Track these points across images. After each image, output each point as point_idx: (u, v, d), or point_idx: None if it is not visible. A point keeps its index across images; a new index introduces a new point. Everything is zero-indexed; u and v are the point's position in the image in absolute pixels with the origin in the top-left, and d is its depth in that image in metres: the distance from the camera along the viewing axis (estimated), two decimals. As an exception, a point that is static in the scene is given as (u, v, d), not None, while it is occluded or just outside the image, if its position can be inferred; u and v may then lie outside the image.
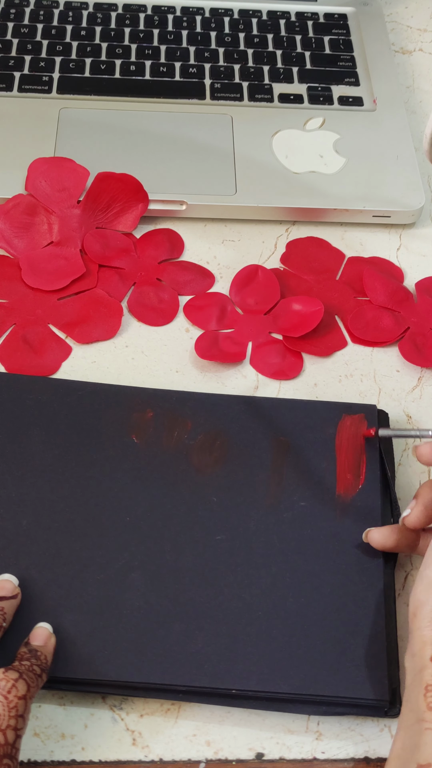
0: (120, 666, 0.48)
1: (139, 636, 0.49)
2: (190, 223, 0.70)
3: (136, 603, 0.50)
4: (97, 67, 0.77)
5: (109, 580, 0.50)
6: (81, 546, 0.51)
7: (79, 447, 0.55)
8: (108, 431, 0.56)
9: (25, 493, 0.53)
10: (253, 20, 0.83)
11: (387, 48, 0.82)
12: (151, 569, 0.51)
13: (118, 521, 0.53)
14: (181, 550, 0.52)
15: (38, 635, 0.47)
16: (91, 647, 0.48)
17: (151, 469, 0.55)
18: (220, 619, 0.49)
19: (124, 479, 0.54)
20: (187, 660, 0.48)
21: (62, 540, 0.52)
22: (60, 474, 0.54)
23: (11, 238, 0.66)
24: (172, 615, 0.49)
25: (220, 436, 0.56)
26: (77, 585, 0.50)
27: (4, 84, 0.75)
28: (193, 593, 0.50)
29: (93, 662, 0.48)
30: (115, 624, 0.49)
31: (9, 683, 0.43)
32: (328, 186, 0.71)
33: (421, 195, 0.70)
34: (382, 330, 0.64)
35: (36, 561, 0.51)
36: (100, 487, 0.54)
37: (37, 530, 0.52)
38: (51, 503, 0.53)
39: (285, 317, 0.64)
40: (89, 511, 0.53)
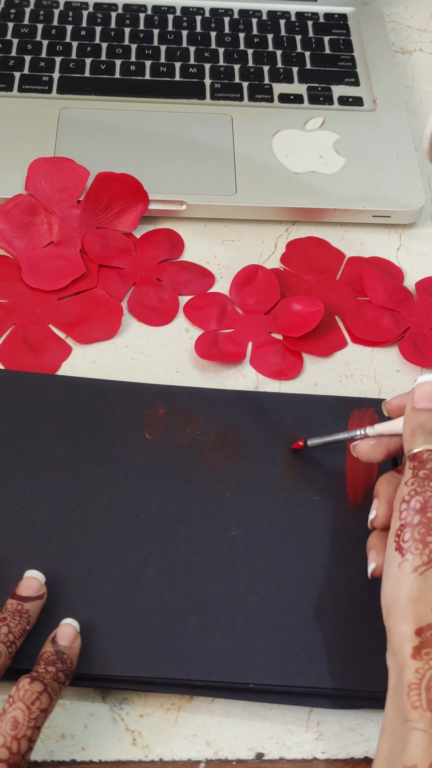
0: (137, 662, 0.48)
1: (156, 631, 0.49)
2: (190, 223, 0.70)
3: (152, 599, 0.50)
4: (97, 67, 0.77)
5: (125, 577, 0.50)
6: (96, 543, 0.52)
7: (91, 444, 0.55)
8: (120, 428, 0.56)
9: (39, 491, 0.53)
10: (253, 20, 0.83)
11: (387, 48, 0.82)
12: (166, 565, 0.51)
13: (133, 518, 0.53)
14: (196, 545, 0.52)
15: (65, 634, 0.47)
16: (107, 643, 0.48)
17: (165, 466, 0.55)
18: (237, 614, 0.50)
19: (138, 476, 0.54)
20: (204, 655, 0.48)
21: (77, 537, 0.52)
22: (73, 471, 0.54)
23: (11, 238, 0.66)
24: (188, 610, 0.50)
25: (233, 432, 0.56)
26: (93, 582, 0.50)
27: (4, 84, 0.75)
28: (209, 588, 0.50)
29: (110, 658, 0.48)
30: (131, 620, 0.49)
31: (33, 695, 0.42)
32: (328, 186, 0.71)
33: (421, 195, 0.70)
34: (382, 330, 0.64)
35: (51, 558, 0.51)
36: (114, 484, 0.54)
37: (52, 528, 0.52)
38: (65, 500, 0.53)
39: (285, 317, 0.64)
40: (103, 508, 0.53)
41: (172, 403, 0.57)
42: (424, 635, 0.41)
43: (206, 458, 0.55)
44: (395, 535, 0.44)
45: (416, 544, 0.42)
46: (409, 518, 0.43)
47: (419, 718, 0.39)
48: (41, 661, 0.45)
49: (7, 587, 0.49)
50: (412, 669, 0.41)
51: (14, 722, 0.42)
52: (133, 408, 0.57)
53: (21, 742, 0.41)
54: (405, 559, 0.42)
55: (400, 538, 0.43)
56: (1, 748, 0.41)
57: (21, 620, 0.46)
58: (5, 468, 0.54)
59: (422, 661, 0.41)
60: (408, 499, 0.44)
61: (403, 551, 0.43)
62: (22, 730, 0.41)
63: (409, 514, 0.43)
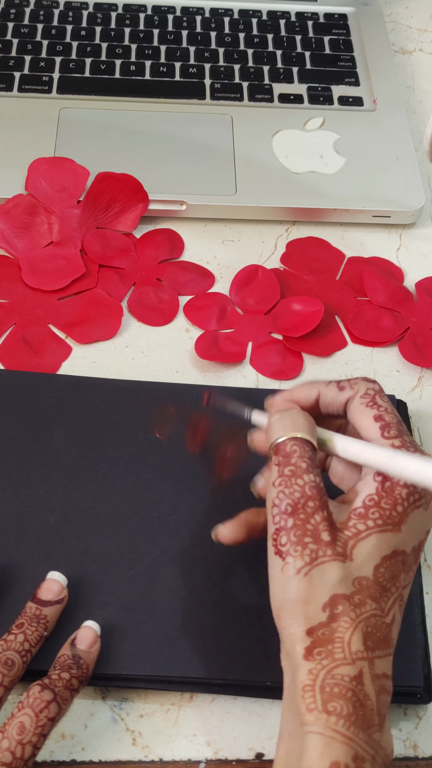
0: (155, 661, 0.48)
1: (173, 631, 0.49)
2: (190, 223, 0.70)
3: (167, 598, 0.50)
4: (97, 67, 0.77)
5: (140, 576, 0.50)
6: (110, 542, 0.52)
7: (102, 444, 0.55)
8: (130, 427, 0.56)
9: (51, 492, 0.53)
10: (253, 20, 0.83)
11: (387, 48, 0.82)
12: (181, 564, 0.51)
13: (146, 517, 0.53)
14: (210, 544, 0.51)
15: (85, 638, 0.47)
16: (124, 643, 0.48)
17: (176, 464, 0.55)
18: (253, 612, 0.50)
19: (149, 475, 0.54)
20: (222, 654, 0.48)
21: (90, 537, 0.52)
22: (85, 471, 0.54)
23: (11, 238, 0.66)
24: (204, 609, 0.50)
25: (243, 429, 0.56)
26: (108, 582, 0.50)
27: (4, 84, 0.75)
28: (225, 587, 0.50)
29: (126, 658, 0.48)
30: (147, 619, 0.49)
31: (42, 703, 0.42)
32: (328, 186, 0.71)
33: (421, 195, 0.70)
34: (382, 330, 0.64)
35: (65, 559, 0.51)
36: (126, 483, 0.54)
37: (65, 528, 0.52)
38: (77, 500, 0.53)
39: (285, 317, 0.64)
40: (116, 507, 0.53)
41: (181, 401, 0.57)
42: (315, 635, 0.40)
43: (218, 456, 0.55)
44: (272, 539, 0.42)
45: (294, 547, 0.41)
46: (283, 522, 0.42)
47: (315, 720, 0.39)
48: (57, 665, 0.45)
49: (23, 589, 0.49)
50: (305, 670, 0.40)
51: (21, 727, 0.42)
52: (143, 407, 0.57)
53: (26, 748, 0.41)
54: (287, 563, 0.41)
55: (278, 542, 0.42)
56: (5, 752, 0.41)
57: (38, 627, 0.46)
58: (17, 469, 0.54)
59: (315, 661, 0.40)
60: (278, 503, 0.43)
61: (283, 555, 0.42)
62: (28, 736, 0.41)
63: (282, 518, 0.42)
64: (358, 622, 0.40)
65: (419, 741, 0.49)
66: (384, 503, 0.42)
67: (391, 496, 0.42)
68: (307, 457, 0.44)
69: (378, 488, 0.43)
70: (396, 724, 0.49)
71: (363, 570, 0.41)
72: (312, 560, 0.41)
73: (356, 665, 0.40)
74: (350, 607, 0.40)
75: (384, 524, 0.42)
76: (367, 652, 0.40)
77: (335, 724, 0.38)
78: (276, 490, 0.43)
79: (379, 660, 0.40)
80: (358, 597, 0.41)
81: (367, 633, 0.40)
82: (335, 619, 0.40)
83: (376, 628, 0.41)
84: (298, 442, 0.44)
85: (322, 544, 0.41)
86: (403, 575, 0.43)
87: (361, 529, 0.42)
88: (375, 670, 0.40)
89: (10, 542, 0.51)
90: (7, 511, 0.52)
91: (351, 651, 0.40)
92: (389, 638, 0.41)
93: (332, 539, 0.42)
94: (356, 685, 0.39)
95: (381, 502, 0.42)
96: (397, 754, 0.48)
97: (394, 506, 0.42)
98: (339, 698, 0.39)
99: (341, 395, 0.46)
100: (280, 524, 0.42)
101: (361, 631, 0.40)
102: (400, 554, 0.42)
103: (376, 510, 0.42)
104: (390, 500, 0.42)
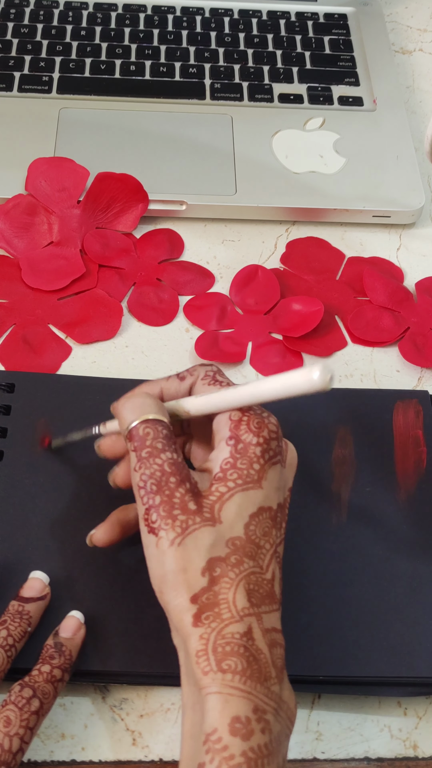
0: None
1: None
2: (190, 223, 0.70)
3: None
4: (97, 67, 0.77)
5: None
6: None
7: None
8: None
9: (94, 493, 0.53)
10: (253, 20, 0.83)
11: (387, 48, 0.82)
12: None
13: None
14: None
15: (67, 626, 0.47)
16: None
17: None
18: (299, 608, 0.50)
19: None
20: None
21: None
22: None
23: (11, 238, 0.66)
24: None
25: (280, 428, 0.57)
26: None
27: (4, 84, 0.75)
28: None
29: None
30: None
31: (23, 700, 0.43)
32: (328, 186, 0.71)
33: (421, 195, 0.70)
34: (382, 330, 0.64)
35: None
36: None
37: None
38: (119, 500, 0.53)
39: (285, 317, 0.64)
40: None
41: None
42: (200, 600, 0.41)
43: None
44: (144, 519, 0.43)
45: (165, 521, 0.42)
46: (150, 501, 0.42)
47: (211, 681, 0.39)
48: (39, 659, 0.46)
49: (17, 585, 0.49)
50: (196, 637, 0.40)
51: (6, 721, 0.42)
52: None
53: (13, 740, 0.42)
54: (160, 537, 0.42)
55: (149, 521, 0.42)
56: None
57: (21, 622, 0.47)
58: (60, 472, 0.54)
59: (204, 626, 0.40)
60: (143, 484, 0.43)
61: (156, 531, 0.42)
62: (14, 729, 0.42)
63: (149, 497, 0.42)
64: (239, 580, 0.41)
65: (419, 741, 0.49)
66: (240, 464, 0.43)
67: (245, 456, 0.43)
68: (161, 437, 0.44)
69: (231, 451, 0.43)
70: (396, 724, 0.49)
71: (234, 530, 0.42)
72: (183, 530, 0.42)
73: (244, 621, 0.40)
74: (228, 567, 0.41)
75: (244, 483, 0.43)
76: (253, 608, 0.41)
77: (231, 680, 0.39)
78: (138, 473, 0.43)
79: (266, 615, 0.41)
80: (234, 557, 0.41)
81: (250, 590, 0.41)
82: (216, 582, 0.41)
83: (258, 585, 0.41)
84: (150, 424, 0.44)
85: (190, 513, 0.42)
86: (275, 531, 0.43)
87: (223, 491, 0.43)
88: (264, 625, 0.41)
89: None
90: (51, 515, 0.52)
91: (237, 609, 0.40)
92: (273, 594, 0.42)
93: (199, 507, 0.42)
94: (247, 641, 0.40)
95: (237, 463, 0.43)
96: (397, 754, 0.48)
97: (250, 465, 0.43)
98: (232, 656, 0.39)
99: (183, 384, 0.47)
100: (148, 503, 0.43)
101: (243, 589, 0.41)
102: (267, 510, 0.43)
103: (234, 471, 0.43)
104: (245, 460, 0.43)
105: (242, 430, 0.44)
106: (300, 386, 0.41)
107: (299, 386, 0.41)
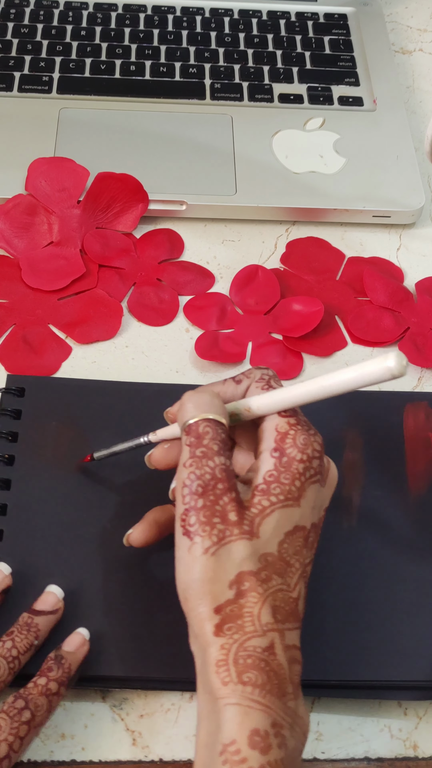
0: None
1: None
2: (190, 223, 0.70)
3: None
4: (97, 67, 0.77)
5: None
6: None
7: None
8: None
9: (105, 495, 0.53)
10: (253, 20, 0.83)
11: (387, 48, 0.82)
12: None
13: None
14: None
15: (71, 641, 0.47)
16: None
17: None
18: (313, 614, 0.50)
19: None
20: None
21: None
22: (134, 474, 0.54)
23: (11, 238, 0.66)
24: None
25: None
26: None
27: (4, 84, 0.75)
28: None
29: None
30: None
31: (14, 710, 0.43)
32: (328, 186, 0.71)
33: (421, 195, 0.70)
34: (382, 330, 0.64)
35: (119, 558, 0.51)
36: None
37: (122, 531, 0.52)
38: (129, 505, 0.53)
39: (285, 317, 0.64)
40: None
41: None
42: (224, 611, 0.40)
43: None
44: (180, 519, 0.43)
45: (203, 527, 0.42)
46: (193, 502, 0.42)
47: (231, 692, 0.39)
48: (39, 671, 0.46)
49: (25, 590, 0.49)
50: (216, 647, 0.40)
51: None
52: None
53: (1, 746, 0.42)
54: (194, 542, 0.42)
55: (186, 523, 0.42)
56: None
57: (28, 635, 0.46)
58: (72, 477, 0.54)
59: (225, 636, 0.40)
60: (189, 483, 0.43)
61: (191, 535, 0.42)
62: (3, 735, 0.43)
63: (192, 499, 0.42)
64: (266, 596, 0.41)
65: (419, 741, 0.49)
66: (283, 478, 0.43)
67: (288, 470, 0.43)
68: (219, 440, 0.44)
69: (276, 464, 0.43)
70: (396, 724, 0.49)
71: (268, 546, 0.42)
72: (219, 540, 0.41)
73: (267, 636, 0.40)
74: (257, 582, 0.41)
75: (285, 499, 0.43)
76: (277, 624, 0.41)
77: (251, 693, 0.39)
78: (187, 470, 0.43)
79: (288, 632, 0.41)
80: (265, 573, 0.41)
81: (276, 606, 0.41)
82: (243, 595, 0.41)
83: (284, 602, 0.41)
84: (211, 424, 0.44)
85: (229, 524, 0.42)
86: (305, 551, 0.43)
87: (265, 505, 0.42)
88: (285, 641, 0.41)
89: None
90: (63, 519, 0.52)
91: (261, 623, 0.40)
92: (297, 612, 0.42)
93: (239, 519, 0.42)
94: (269, 656, 0.40)
95: (280, 477, 0.43)
96: (397, 754, 0.48)
97: (292, 481, 0.43)
98: (253, 669, 0.39)
99: (239, 387, 0.47)
100: (190, 504, 0.42)
101: (269, 605, 0.41)
102: (301, 530, 0.43)
103: (277, 485, 0.43)
104: (288, 475, 0.43)
105: (287, 444, 0.44)
106: (376, 375, 0.41)
107: (375, 375, 0.41)
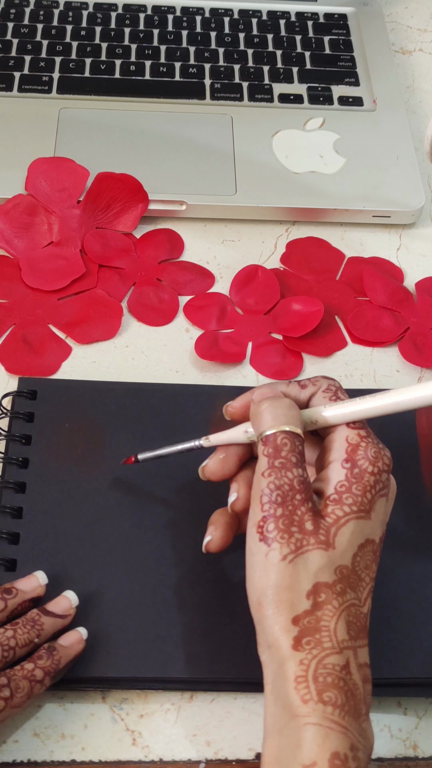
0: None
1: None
2: (190, 223, 0.70)
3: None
4: (97, 67, 0.77)
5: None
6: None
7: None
8: (191, 432, 0.55)
9: (121, 496, 0.53)
10: (253, 20, 0.83)
11: (387, 48, 0.82)
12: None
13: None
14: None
15: (68, 637, 0.47)
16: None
17: None
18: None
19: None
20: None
21: (161, 539, 0.52)
22: (154, 477, 0.54)
23: (11, 238, 0.66)
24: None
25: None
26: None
27: (4, 84, 0.75)
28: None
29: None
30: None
31: None
32: (328, 186, 0.71)
33: (421, 195, 0.70)
34: (382, 330, 0.64)
35: (132, 560, 0.51)
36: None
37: (136, 532, 0.52)
38: (145, 507, 0.53)
39: (285, 317, 0.64)
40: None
41: None
42: (301, 623, 0.40)
43: None
44: (257, 526, 0.42)
45: (281, 534, 0.42)
46: (272, 510, 0.42)
47: (311, 711, 0.38)
48: (30, 657, 0.46)
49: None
50: (295, 661, 0.40)
51: None
52: (203, 411, 0.57)
53: None
54: (272, 549, 0.42)
55: (264, 529, 0.42)
56: None
57: (31, 630, 0.46)
58: (86, 478, 0.54)
59: (304, 651, 0.40)
60: (269, 492, 0.43)
61: (269, 541, 0.42)
62: None
63: (272, 507, 0.42)
64: (342, 610, 0.41)
65: (419, 741, 0.49)
66: (355, 489, 0.43)
67: (360, 482, 0.43)
68: (297, 452, 0.44)
69: (347, 475, 0.43)
70: (396, 724, 0.49)
71: (344, 558, 0.42)
72: (297, 548, 0.41)
73: (344, 654, 0.40)
74: (333, 595, 0.41)
75: (359, 510, 0.43)
76: (351, 641, 0.40)
77: (332, 714, 0.38)
78: (266, 480, 0.43)
79: (360, 649, 0.41)
80: (340, 586, 0.41)
81: (350, 622, 0.41)
82: (319, 607, 0.41)
83: (356, 618, 0.41)
84: (289, 436, 0.44)
85: (306, 533, 0.42)
86: (374, 565, 0.43)
87: (340, 515, 0.42)
88: (359, 660, 0.40)
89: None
90: (78, 521, 0.52)
91: (338, 640, 0.40)
92: (366, 628, 0.42)
93: (315, 528, 0.42)
94: (346, 675, 0.39)
95: (352, 488, 0.43)
96: (397, 754, 0.48)
97: (364, 493, 0.43)
98: (333, 688, 0.39)
99: (304, 392, 0.47)
100: (269, 512, 0.42)
101: (344, 620, 0.41)
102: (371, 543, 0.43)
103: (349, 496, 0.43)
104: (360, 486, 0.43)
105: (359, 456, 0.44)
106: None
107: None
